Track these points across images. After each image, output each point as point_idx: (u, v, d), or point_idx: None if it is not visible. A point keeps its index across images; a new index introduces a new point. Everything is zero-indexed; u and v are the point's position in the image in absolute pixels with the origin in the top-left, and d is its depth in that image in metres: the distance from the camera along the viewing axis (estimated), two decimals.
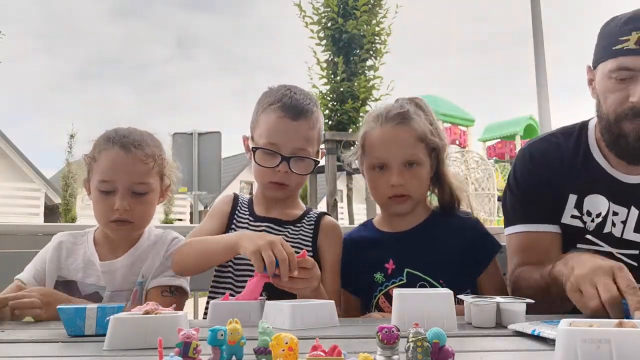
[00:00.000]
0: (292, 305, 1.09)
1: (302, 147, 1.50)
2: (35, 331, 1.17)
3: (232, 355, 0.72)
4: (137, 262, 1.53)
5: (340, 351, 0.64)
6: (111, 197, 1.45)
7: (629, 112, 1.35)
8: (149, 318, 0.94)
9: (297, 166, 1.50)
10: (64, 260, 1.53)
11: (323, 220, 1.58)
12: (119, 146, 1.46)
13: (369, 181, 1.53)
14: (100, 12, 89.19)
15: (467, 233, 1.52)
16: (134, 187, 1.46)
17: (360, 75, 8.77)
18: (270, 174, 1.50)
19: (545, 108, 6.87)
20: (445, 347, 0.68)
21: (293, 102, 1.50)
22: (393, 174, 1.45)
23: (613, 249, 1.45)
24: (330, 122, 8.62)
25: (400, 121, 1.48)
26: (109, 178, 1.45)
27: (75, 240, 1.57)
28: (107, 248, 1.54)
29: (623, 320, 0.69)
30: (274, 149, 1.48)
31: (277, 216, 1.56)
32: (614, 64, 1.36)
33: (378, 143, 1.49)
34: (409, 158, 1.46)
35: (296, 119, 1.49)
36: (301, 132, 1.50)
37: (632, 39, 1.33)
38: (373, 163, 1.50)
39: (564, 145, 1.53)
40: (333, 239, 1.56)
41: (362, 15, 8.55)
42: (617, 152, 1.43)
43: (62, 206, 13.12)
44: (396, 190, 1.46)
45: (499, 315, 1.11)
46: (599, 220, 1.45)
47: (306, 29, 8.88)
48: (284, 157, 1.48)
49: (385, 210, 1.55)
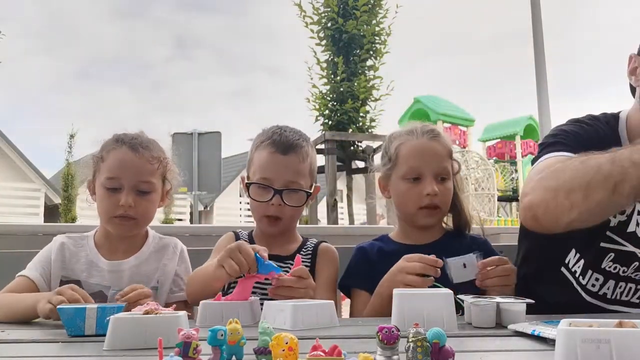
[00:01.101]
0: (292, 306, 1.09)
1: (294, 180, 1.56)
2: (35, 331, 1.17)
3: (232, 355, 0.72)
4: (143, 265, 1.57)
5: (340, 351, 0.64)
6: (116, 194, 1.51)
7: None
8: (149, 318, 0.94)
9: (290, 198, 1.55)
10: (67, 261, 1.56)
11: (319, 248, 1.64)
12: (128, 146, 1.54)
13: (400, 192, 1.56)
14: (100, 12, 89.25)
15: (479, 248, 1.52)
16: (139, 186, 1.52)
17: (360, 75, 8.79)
18: (265, 208, 1.56)
19: (545, 108, 6.87)
20: (445, 347, 0.68)
21: (282, 139, 1.58)
22: (428, 183, 1.51)
23: (636, 249, 1.38)
24: (330, 122, 8.64)
25: (434, 136, 1.57)
26: (116, 175, 1.51)
27: (76, 244, 1.59)
28: (107, 249, 1.58)
29: (623, 321, 0.68)
30: (266, 183, 1.55)
31: (277, 252, 1.57)
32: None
33: (414, 154, 1.55)
34: (442, 170, 1.53)
35: (286, 153, 1.56)
36: (291, 166, 1.56)
37: None
38: (407, 173, 1.54)
39: (602, 130, 1.42)
40: (327, 259, 1.62)
41: (362, 15, 8.56)
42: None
43: (62, 206, 13.12)
44: (430, 200, 1.51)
45: (499, 315, 1.11)
46: (622, 217, 1.37)
47: (306, 29, 8.91)
48: (276, 191, 1.54)
49: (414, 221, 1.57)
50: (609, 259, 1.39)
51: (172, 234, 1.73)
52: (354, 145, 8.63)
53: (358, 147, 8.62)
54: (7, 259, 1.92)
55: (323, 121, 8.80)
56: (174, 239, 1.67)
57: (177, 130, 7.95)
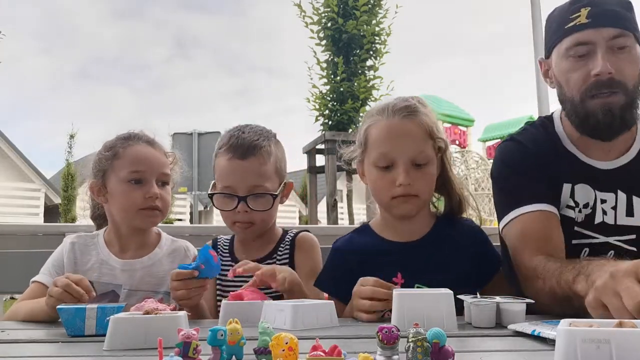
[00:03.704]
0: (292, 306, 1.09)
1: (257, 184, 1.50)
2: (35, 331, 1.17)
3: (232, 355, 0.72)
4: (156, 265, 1.57)
5: (340, 351, 0.64)
6: (141, 187, 1.52)
7: (592, 87, 1.34)
8: (149, 318, 0.94)
9: (256, 203, 1.50)
10: (79, 260, 1.56)
11: (296, 240, 1.59)
12: (144, 141, 1.58)
13: (371, 180, 1.40)
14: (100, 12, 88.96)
15: (476, 246, 1.43)
16: (160, 177, 1.56)
17: (360, 75, 8.78)
18: (233, 216, 1.51)
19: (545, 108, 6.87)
20: (445, 347, 0.68)
21: (240, 141, 1.50)
22: (400, 172, 1.33)
23: (609, 238, 1.40)
24: (330, 122, 8.63)
25: (408, 114, 1.36)
26: (141, 168, 1.53)
27: (86, 242, 1.59)
28: (119, 248, 1.58)
29: (623, 320, 0.68)
30: (229, 191, 1.50)
31: (256, 255, 1.55)
32: (570, 41, 1.37)
33: (384, 137, 1.36)
34: (417, 156, 1.34)
35: (245, 158, 1.49)
36: (252, 170, 1.49)
37: (582, 14, 1.35)
38: (377, 159, 1.36)
39: (544, 135, 1.48)
40: (305, 249, 1.58)
41: (362, 15, 8.55)
42: (589, 132, 1.40)
43: (62, 206, 13.11)
44: (403, 190, 1.33)
45: (499, 315, 1.11)
46: (587, 211, 1.40)
47: (306, 29, 8.89)
48: (240, 198, 1.49)
49: (389, 211, 1.42)
50: (585, 253, 1.40)
51: (172, 234, 1.72)
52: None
53: None
54: (7, 259, 1.92)
55: (323, 121, 8.79)
56: (185, 242, 1.67)
57: (177, 130, 7.96)
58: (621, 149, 1.44)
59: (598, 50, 1.33)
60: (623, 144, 1.44)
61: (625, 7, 1.37)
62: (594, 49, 1.34)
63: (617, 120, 1.35)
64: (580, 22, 1.35)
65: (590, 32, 1.34)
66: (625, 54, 1.34)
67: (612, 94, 1.33)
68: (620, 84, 1.33)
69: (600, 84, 1.33)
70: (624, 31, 1.34)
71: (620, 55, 1.34)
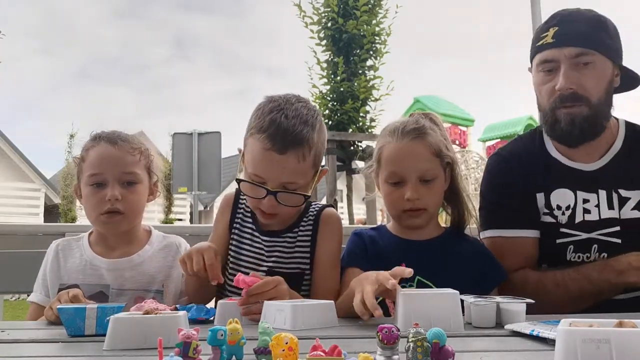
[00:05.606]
0: (292, 306, 1.09)
1: (291, 181, 1.36)
2: (35, 331, 1.17)
3: (232, 355, 0.72)
4: (146, 263, 1.54)
5: (340, 351, 0.64)
6: (101, 190, 1.48)
7: (557, 100, 1.49)
8: (149, 318, 0.94)
9: (286, 199, 1.37)
10: (62, 265, 1.54)
11: (322, 216, 1.51)
12: (106, 141, 1.52)
13: (384, 194, 1.53)
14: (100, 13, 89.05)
15: (479, 260, 1.51)
16: (123, 177, 1.50)
17: (360, 75, 8.79)
18: (258, 203, 1.40)
19: None
20: (445, 347, 0.68)
21: (280, 131, 1.33)
22: (408, 189, 1.46)
23: (592, 234, 1.50)
24: (330, 122, 8.63)
25: (417, 136, 1.48)
26: (99, 171, 1.49)
27: (70, 245, 1.57)
28: (104, 248, 1.55)
29: (623, 320, 0.68)
30: (259, 181, 1.36)
31: (275, 227, 1.49)
32: (539, 58, 1.53)
33: (394, 157, 1.49)
34: (424, 173, 1.47)
35: (283, 152, 1.33)
36: (289, 167, 1.34)
37: (549, 34, 1.50)
38: (389, 177, 1.50)
39: (529, 146, 1.63)
40: (329, 233, 1.49)
41: (362, 15, 8.56)
42: (556, 138, 1.55)
43: (62, 206, 13.13)
44: (412, 204, 1.46)
45: (499, 315, 1.11)
46: (569, 212, 1.52)
47: (306, 29, 8.90)
48: (269, 192, 1.35)
49: (399, 223, 1.55)
50: (570, 251, 1.52)
51: (172, 233, 1.72)
52: (354, 145, 8.64)
53: (358, 147, 8.63)
54: (7, 259, 1.92)
55: None
56: (177, 238, 1.63)
57: (177, 130, 7.97)
58: (602, 150, 1.56)
59: (562, 67, 1.47)
60: (605, 145, 1.56)
61: (594, 26, 1.49)
62: (558, 65, 1.48)
63: (578, 129, 1.49)
64: (547, 41, 1.49)
65: (554, 51, 1.48)
66: (589, 69, 1.47)
67: (574, 106, 1.48)
68: (583, 97, 1.47)
69: (564, 98, 1.48)
70: (586, 50, 1.46)
71: (584, 71, 1.47)
